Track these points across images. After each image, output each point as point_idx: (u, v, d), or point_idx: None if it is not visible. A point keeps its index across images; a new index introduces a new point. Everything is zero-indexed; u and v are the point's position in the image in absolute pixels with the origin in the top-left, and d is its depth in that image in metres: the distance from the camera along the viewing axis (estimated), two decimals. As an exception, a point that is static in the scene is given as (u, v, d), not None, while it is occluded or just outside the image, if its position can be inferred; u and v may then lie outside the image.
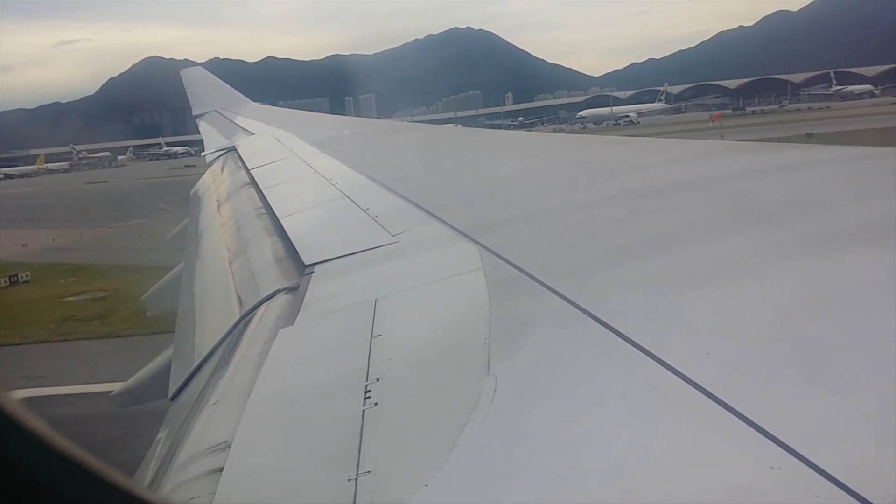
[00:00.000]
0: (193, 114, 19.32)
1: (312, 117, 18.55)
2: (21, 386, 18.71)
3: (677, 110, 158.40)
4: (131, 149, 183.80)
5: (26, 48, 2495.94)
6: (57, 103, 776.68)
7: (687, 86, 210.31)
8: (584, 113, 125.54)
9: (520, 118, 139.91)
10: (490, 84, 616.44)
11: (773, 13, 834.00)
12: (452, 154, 8.03)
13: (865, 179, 3.56)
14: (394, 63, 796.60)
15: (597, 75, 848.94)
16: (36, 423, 0.76)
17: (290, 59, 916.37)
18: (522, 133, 18.18)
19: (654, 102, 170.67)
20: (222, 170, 10.43)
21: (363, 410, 1.97)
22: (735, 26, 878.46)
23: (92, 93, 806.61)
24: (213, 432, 2.27)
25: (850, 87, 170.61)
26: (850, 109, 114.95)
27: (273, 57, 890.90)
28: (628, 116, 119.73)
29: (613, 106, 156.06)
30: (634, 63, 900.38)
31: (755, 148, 5.40)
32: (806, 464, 1.30)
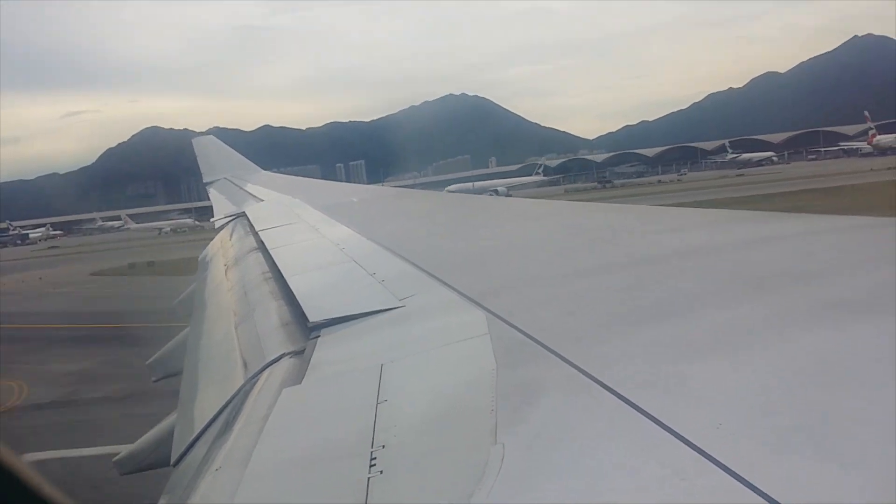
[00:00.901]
0: (204, 181, 19.37)
1: (322, 185, 19.16)
2: None
3: (553, 183, 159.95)
4: (48, 226, 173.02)
5: (35, 120, 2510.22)
6: (55, 174, 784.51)
7: (609, 154, 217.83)
8: (451, 188, 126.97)
9: (447, 188, 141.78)
10: (482, 148, 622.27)
11: (762, 74, 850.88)
12: (460, 220, 8.18)
13: (871, 249, 3.61)
14: (390, 129, 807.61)
15: (591, 138, 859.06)
16: (30, 473, 0.76)
17: (285, 127, 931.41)
18: (528, 200, 17.22)
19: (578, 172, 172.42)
20: (231, 235, 10.54)
21: (368, 478, 1.95)
22: (725, 88, 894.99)
23: (90, 163, 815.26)
24: (215, 499, 2.26)
25: (747, 155, 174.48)
26: (707, 180, 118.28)
27: (269, 126, 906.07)
28: (496, 190, 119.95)
29: (497, 178, 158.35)
30: (627, 125, 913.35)
31: (758, 217, 5.42)
32: None
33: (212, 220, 13.90)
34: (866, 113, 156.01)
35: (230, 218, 12.43)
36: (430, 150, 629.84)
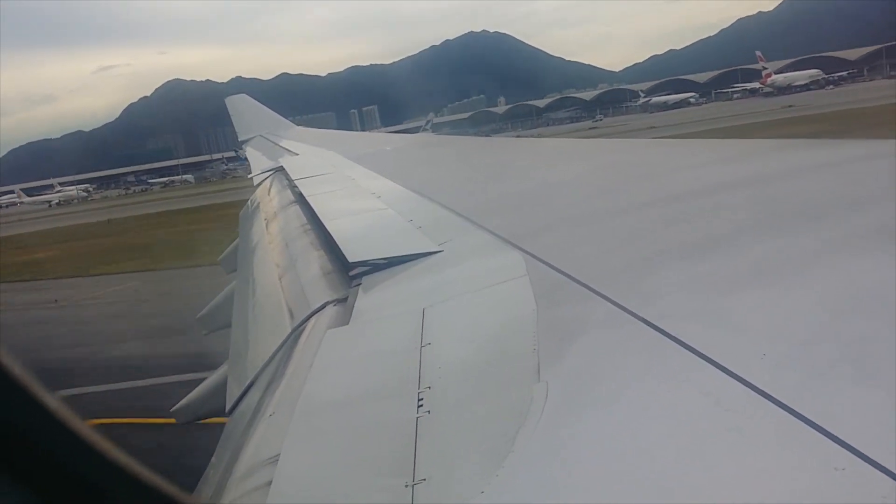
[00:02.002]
0: (239, 139, 20.04)
1: (355, 136, 20.54)
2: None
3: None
4: None
5: (69, 76, 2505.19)
6: (80, 132, 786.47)
7: (551, 99, 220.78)
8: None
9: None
10: (502, 86, 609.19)
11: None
12: (493, 163, 8.29)
13: None
14: (410, 71, 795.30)
15: (617, 70, 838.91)
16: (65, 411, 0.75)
17: (303, 74, 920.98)
18: (560, 140, 16.31)
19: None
20: (269, 189, 10.73)
21: (417, 418, 1.99)
22: (755, 12, 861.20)
23: (112, 119, 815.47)
24: (269, 444, 2.31)
25: (660, 98, 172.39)
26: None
27: (287, 73, 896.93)
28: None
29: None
30: (654, 55, 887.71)
31: (798, 145, 5.29)
32: (871, 464, 1.28)
33: (249, 175, 14.46)
34: (758, 53, 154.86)
35: (268, 173, 12.51)
36: (450, 90, 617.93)
